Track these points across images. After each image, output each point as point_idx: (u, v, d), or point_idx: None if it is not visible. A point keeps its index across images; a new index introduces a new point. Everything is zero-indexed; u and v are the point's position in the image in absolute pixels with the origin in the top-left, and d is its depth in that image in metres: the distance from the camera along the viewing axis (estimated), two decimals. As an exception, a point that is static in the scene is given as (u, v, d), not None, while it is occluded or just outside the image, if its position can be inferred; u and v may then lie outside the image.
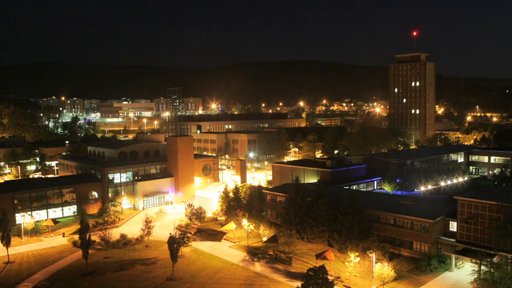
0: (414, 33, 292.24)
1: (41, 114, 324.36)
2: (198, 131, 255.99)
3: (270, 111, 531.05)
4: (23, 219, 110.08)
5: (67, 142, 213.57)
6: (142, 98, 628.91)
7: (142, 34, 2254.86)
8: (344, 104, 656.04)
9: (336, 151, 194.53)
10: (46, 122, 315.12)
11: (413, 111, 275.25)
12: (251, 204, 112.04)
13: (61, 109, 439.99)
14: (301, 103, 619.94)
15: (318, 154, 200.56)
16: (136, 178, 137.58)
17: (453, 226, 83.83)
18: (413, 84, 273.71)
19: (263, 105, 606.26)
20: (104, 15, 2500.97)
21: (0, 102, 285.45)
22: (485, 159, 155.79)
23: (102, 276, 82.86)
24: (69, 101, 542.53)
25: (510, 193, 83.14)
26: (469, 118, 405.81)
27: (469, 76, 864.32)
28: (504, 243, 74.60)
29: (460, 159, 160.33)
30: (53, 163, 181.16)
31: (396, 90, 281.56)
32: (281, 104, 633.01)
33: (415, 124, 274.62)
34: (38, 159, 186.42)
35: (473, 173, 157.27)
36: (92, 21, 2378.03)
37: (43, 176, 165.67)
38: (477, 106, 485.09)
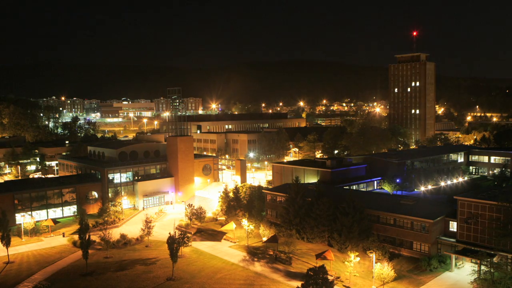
0: (414, 33, 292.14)
1: (41, 114, 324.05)
2: (198, 131, 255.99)
3: (270, 111, 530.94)
4: (23, 219, 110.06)
5: (67, 142, 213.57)
6: (142, 98, 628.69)
7: (142, 34, 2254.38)
8: (344, 104, 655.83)
9: (336, 151, 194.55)
10: (46, 122, 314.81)
11: (413, 111, 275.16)
12: (251, 204, 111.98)
13: (61, 109, 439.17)
14: (301, 103, 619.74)
15: (318, 154, 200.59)
16: (136, 178, 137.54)
17: (453, 226, 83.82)
18: (413, 84, 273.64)
19: (263, 105, 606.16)
20: (104, 15, 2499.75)
21: (0, 102, 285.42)
22: (485, 159, 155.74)
23: (102, 276, 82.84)
24: (69, 101, 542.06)
25: (510, 193, 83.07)
26: (469, 118, 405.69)
27: (469, 76, 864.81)
28: (504, 243, 74.61)
29: (460, 159, 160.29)
30: (53, 163, 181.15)
31: (396, 90, 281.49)
32: (281, 104, 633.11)
33: (415, 124, 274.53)
34: (38, 159, 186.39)
35: (473, 173, 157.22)
36: (93, 21, 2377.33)
37: (43, 176, 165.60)
38: (477, 106, 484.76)
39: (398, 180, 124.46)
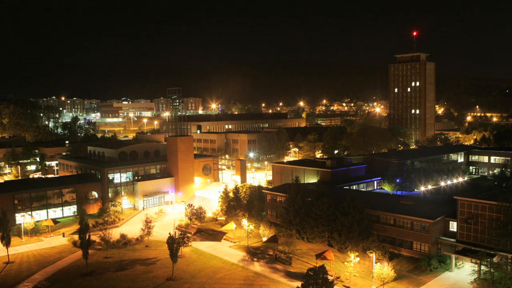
0: (414, 33, 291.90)
1: (41, 114, 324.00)
2: (198, 131, 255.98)
3: (270, 111, 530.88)
4: (23, 219, 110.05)
5: (67, 142, 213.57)
6: (142, 98, 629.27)
7: (142, 34, 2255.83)
8: (344, 104, 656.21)
9: (336, 151, 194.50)
10: (46, 122, 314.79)
11: (413, 111, 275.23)
12: (251, 204, 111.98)
13: (61, 109, 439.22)
14: (301, 103, 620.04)
15: (318, 154, 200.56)
16: (136, 178, 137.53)
17: (453, 226, 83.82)
18: (413, 84, 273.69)
19: (263, 105, 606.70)
20: (104, 15, 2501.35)
21: (0, 102, 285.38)
22: (485, 159, 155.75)
23: (102, 276, 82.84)
24: (69, 101, 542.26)
25: (510, 193, 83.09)
26: (469, 118, 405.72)
27: (469, 76, 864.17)
28: (504, 243, 74.64)
29: (460, 159, 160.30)
30: (53, 163, 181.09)
31: (396, 90, 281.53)
32: (281, 104, 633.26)
33: (415, 124, 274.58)
34: (38, 159, 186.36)
35: (473, 173, 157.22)
36: (92, 21, 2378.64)
37: (43, 176, 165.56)
38: (477, 106, 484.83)
39: (398, 180, 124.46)
